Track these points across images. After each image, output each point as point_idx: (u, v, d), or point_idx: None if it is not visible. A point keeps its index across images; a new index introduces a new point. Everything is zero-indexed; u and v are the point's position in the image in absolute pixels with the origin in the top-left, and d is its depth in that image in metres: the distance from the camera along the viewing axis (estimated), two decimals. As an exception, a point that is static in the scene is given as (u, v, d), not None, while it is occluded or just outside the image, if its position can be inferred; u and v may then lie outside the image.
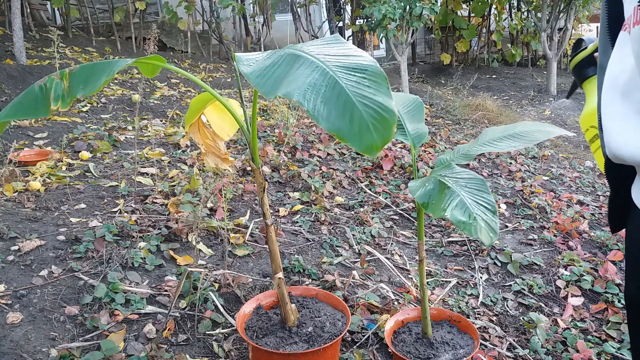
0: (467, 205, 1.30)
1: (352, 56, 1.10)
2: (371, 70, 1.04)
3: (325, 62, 1.06)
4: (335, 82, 1.00)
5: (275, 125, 4.07)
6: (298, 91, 0.99)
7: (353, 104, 0.97)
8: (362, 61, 1.07)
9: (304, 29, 7.87)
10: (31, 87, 1.23)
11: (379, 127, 0.94)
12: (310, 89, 0.99)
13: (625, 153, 0.78)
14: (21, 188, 2.58)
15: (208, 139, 1.71)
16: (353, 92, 0.98)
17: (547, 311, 2.26)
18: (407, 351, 1.68)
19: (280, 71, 1.08)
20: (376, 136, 0.93)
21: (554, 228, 3.01)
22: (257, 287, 2.10)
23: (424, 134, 1.66)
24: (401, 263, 2.52)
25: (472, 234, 1.24)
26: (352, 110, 0.96)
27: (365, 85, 1.00)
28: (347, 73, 1.03)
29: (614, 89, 0.81)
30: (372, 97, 0.98)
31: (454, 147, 4.30)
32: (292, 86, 1.01)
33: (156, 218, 2.44)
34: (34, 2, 6.98)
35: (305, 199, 2.97)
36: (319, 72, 1.03)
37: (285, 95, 0.99)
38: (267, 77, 1.07)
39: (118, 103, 4.30)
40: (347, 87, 0.99)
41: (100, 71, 1.19)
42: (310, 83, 1.01)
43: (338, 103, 0.97)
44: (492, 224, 1.27)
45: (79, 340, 1.70)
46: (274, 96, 1.02)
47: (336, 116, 0.96)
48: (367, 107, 0.96)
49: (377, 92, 0.99)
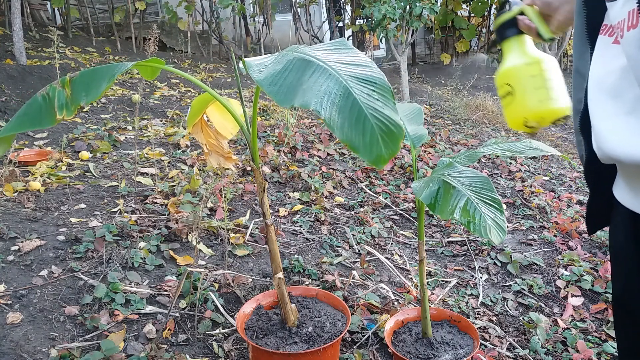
0: (475, 205, 1.31)
1: (361, 66, 1.10)
2: (380, 83, 1.05)
3: (337, 71, 1.07)
4: (349, 92, 1.01)
5: (275, 125, 4.08)
6: (315, 99, 1.00)
7: (365, 116, 0.98)
8: (371, 73, 1.08)
9: (304, 29, 7.87)
10: (34, 97, 1.23)
11: (387, 140, 0.96)
12: (326, 98, 1.00)
13: (619, 152, 0.80)
14: (21, 188, 2.58)
15: (211, 138, 1.72)
16: (365, 105, 1.00)
17: (547, 311, 2.26)
18: (407, 351, 1.68)
19: (292, 78, 1.07)
20: (384, 149, 0.96)
21: (554, 228, 3.01)
22: (257, 287, 2.10)
23: (423, 134, 1.68)
24: (401, 263, 2.52)
25: (481, 234, 1.25)
26: (364, 122, 0.98)
27: (375, 98, 1.02)
28: (359, 84, 1.04)
29: (601, 91, 0.83)
30: (381, 110, 1.00)
31: (454, 147, 4.31)
32: (307, 95, 1.01)
33: (156, 218, 2.44)
34: (34, 2, 6.99)
35: (305, 199, 2.97)
36: (333, 81, 1.04)
37: (302, 105, 1.00)
38: (279, 85, 1.06)
39: (118, 103, 4.30)
40: (360, 98, 1.01)
41: (101, 77, 1.19)
42: (325, 92, 1.01)
43: (351, 114, 0.99)
44: (500, 222, 1.28)
45: (79, 340, 1.70)
46: (290, 106, 1.02)
47: (349, 127, 0.97)
48: (377, 120, 0.98)
49: (385, 106, 1.01)
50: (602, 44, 0.85)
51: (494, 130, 5.28)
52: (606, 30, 0.85)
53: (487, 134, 5.00)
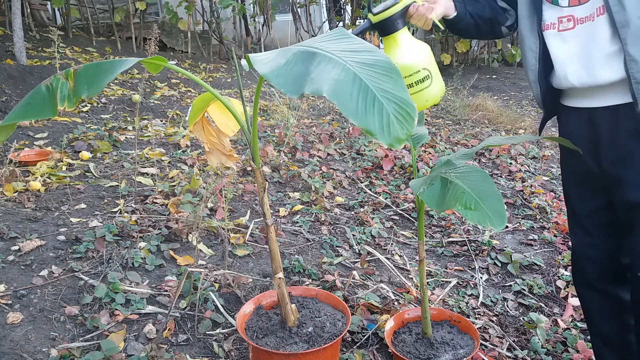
0: (473, 196, 1.32)
1: (364, 52, 1.10)
2: (386, 66, 1.05)
3: (342, 58, 1.06)
4: (358, 77, 1.01)
5: (275, 125, 4.08)
6: (326, 87, 0.99)
7: (377, 98, 0.99)
8: (376, 57, 1.08)
9: (304, 29, 7.87)
10: (38, 87, 1.23)
11: (402, 120, 0.97)
12: (336, 85, 1.00)
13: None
14: (21, 188, 2.58)
15: (212, 136, 1.72)
16: (376, 87, 1.00)
17: (547, 311, 2.26)
18: (407, 351, 1.68)
19: (298, 69, 1.07)
20: (400, 129, 0.96)
21: (554, 228, 3.01)
22: (257, 287, 2.10)
23: (424, 135, 1.68)
24: (401, 263, 2.52)
25: (481, 223, 1.26)
26: (377, 104, 0.98)
27: (383, 80, 1.02)
28: (366, 68, 1.04)
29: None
30: (392, 91, 1.00)
31: (454, 147, 4.31)
32: (317, 83, 1.01)
33: (156, 218, 2.44)
34: (35, 2, 6.99)
35: (306, 199, 2.97)
36: (340, 68, 1.04)
37: (313, 92, 1.00)
38: (285, 76, 1.05)
39: (118, 103, 4.30)
40: (369, 82, 1.01)
41: (105, 71, 1.19)
42: (334, 79, 1.01)
43: (364, 98, 0.99)
44: (500, 210, 1.29)
45: (79, 340, 1.70)
46: (299, 95, 1.02)
47: (364, 111, 0.98)
48: (389, 102, 0.98)
49: (395, 87, 1.01)
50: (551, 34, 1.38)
51: (494, 131, 5.28)
52: (549, 26, 1.38)
53: (487, 134, 5.00)
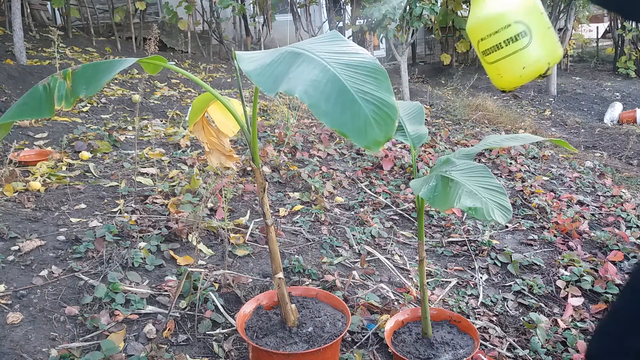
0: (475, 191, 1.31)
1: (352, 53, 1.10)
2: (372, 67, 1.05)
3: (325, 59, 1.06)
4: (337, 78, 1.01)
5: (275, 125, 4.07)
6: (300, 87, 0.99)
7: (354, 100, 0.97)
8: (363, 59, 1.08)
9: (304, 29, 7.87)
10: (35, 87, 1.23)
11: (380, 122, 0.95)
12: (311, 86, 0.99)
13: None
14: (21, 188, 2.58)
15: (212, 136, 1.72)
16: (355, 89, 0.99)
17: (547, 311, 2.26)
18: (407, 351, 1.68)
19: (281, 69, 1.08)
20: (378, 131, 0.94)
21: (554, 228, 3.01)
22: (257, 287, 2.10)
23: (424, 134, 1.67)
24: (401, 263, 2.52)
25: (485, 217, 1.24)
26: (353, 106, 0.96)
27: (366, 82, 1.01)
28: (348, 70, 1.04)
29: None
30: (373, 93, 0.99)
31: (454, 147, 4.31)
32: (292, 83, 1.01)
33: (156, 218, 2.44)
34: (34, 2, 6.99)
35: (305, 199, 2.97)
36: (320, 68, 1.03)
37: (287, 92, 1.00)
38: (267, 75, 1.07)
39: (118, 103, 4.30)
40: (348, 83, 1.00)
41: (103, 71, 1.19)
42: (311, 79, 1.01)
43: (339, 99, 0.98)
44: (504, 203, 1.27)
45: (79, 340, 1.70)
46: (275, 93, 1.02)
47: (338, 112, 0.96)
48: (368, 103, 0.97)
49: (379, 89, 1.00)
50: None
51: (494, 131, 5.28)
52: None
53: (487, 134, 5.00)
